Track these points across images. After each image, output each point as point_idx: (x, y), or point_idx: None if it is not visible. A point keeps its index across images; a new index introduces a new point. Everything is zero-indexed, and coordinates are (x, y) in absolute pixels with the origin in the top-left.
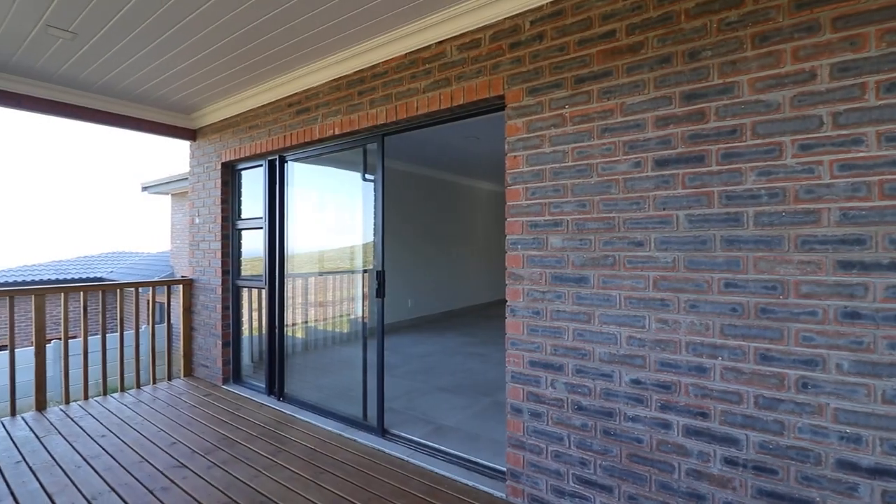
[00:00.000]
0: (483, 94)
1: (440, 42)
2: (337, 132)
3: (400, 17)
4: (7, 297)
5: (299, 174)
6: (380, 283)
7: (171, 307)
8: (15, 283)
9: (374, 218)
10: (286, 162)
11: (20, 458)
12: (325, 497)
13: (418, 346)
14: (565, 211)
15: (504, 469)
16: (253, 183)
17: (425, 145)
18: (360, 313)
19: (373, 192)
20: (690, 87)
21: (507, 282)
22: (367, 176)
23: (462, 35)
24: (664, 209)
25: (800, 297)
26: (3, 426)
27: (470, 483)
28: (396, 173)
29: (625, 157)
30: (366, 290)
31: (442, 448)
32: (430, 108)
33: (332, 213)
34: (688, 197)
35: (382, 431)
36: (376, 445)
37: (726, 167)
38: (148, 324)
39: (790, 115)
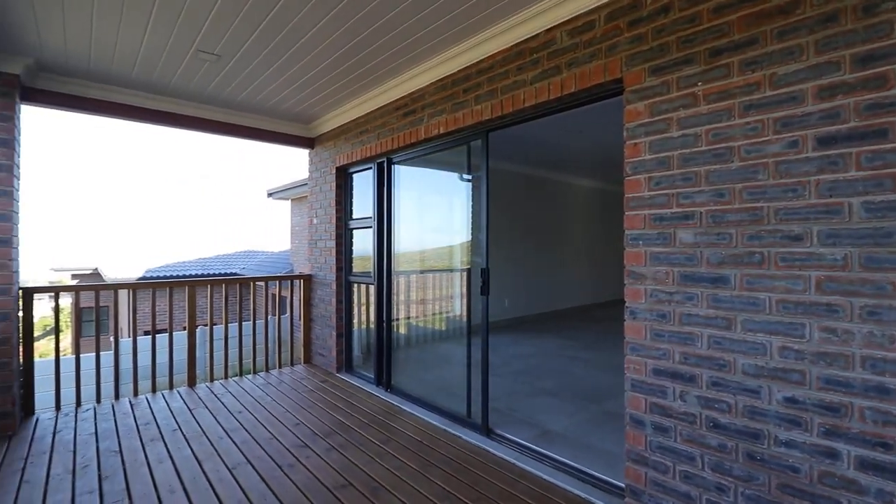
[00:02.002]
0: (597, 79)
1: (549, 29)
2: (441, 131)
3: (510, 7)
4: (167, 289)
5: (402, 176)
6: (484, 281)
7: (291, 300)
8: (171, 277)
9: (479, 215)
10: (393, 163)
11: (176, 426)
12: (434, 491)
13: (517, 346)
14: (698, 202)
15: (622, 485)
16: (363, 185)
17: (523, 143)
18: (459, 311)
19: (470, 192)
20: (866, 47)
21: (626, 281)
22: (465, 176)
23: (574, 19)
24: (831, 196)
25: None
26: (164, 398)
27: (582, 494)
28: (492, 172)
29: (776, 137)
30: (464, 288)
31: (550, 454)
32: (537, 99)
33: (431, 214)
34: (864, 181)
35: (487, 431)
36: (481, 444)
37: None
38: (274, 314)
39: None
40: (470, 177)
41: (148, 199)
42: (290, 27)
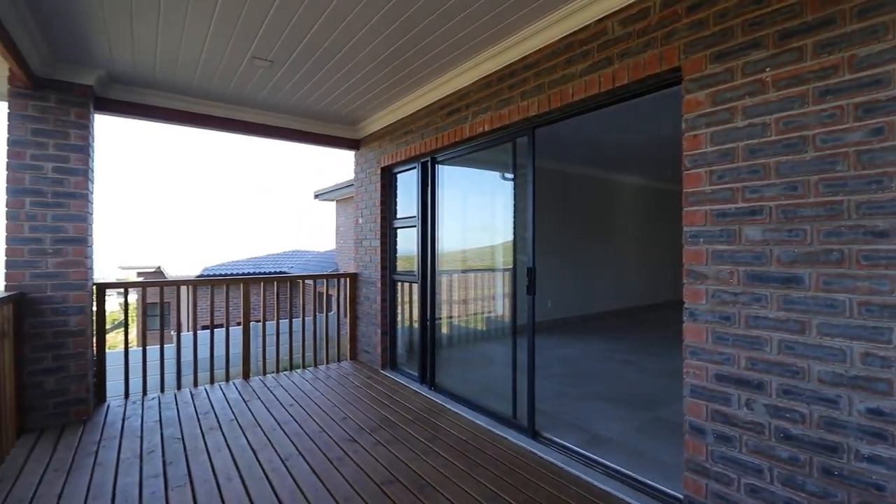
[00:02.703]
0: (652, 68)
1: (600, 20)
2: (486, 129)
3: (558, 0)
4: (224, 286)
5: (445, 176)
6: (531, 280)
7: (338, 298)
8: (227, 275)
9: (525, 213)
10: (437, 163)
11: (233, 416)
12: (481, 491)
13: (561, 348)
14: (767, 196)
15: (680, 496)
16: (406, 185)
17: (567, 140)
18: (501, 311)
19: (512, 192)
20: None
21: (685, 280)
22: (507, 175)
23: (627, 7)
24: None
25: None
26: (221, 389)
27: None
28: (537, 170)
29: (857, 125)
30: (506, 288)
31: (601, 460)
32: (586, 92)
33: (473, 213)
34: None
35: (534, 433)
36: (528, 446)
37: None
38: (321, 312)
39: None
40: (512, 176)
41: (208, 202)
42: (337, 32)
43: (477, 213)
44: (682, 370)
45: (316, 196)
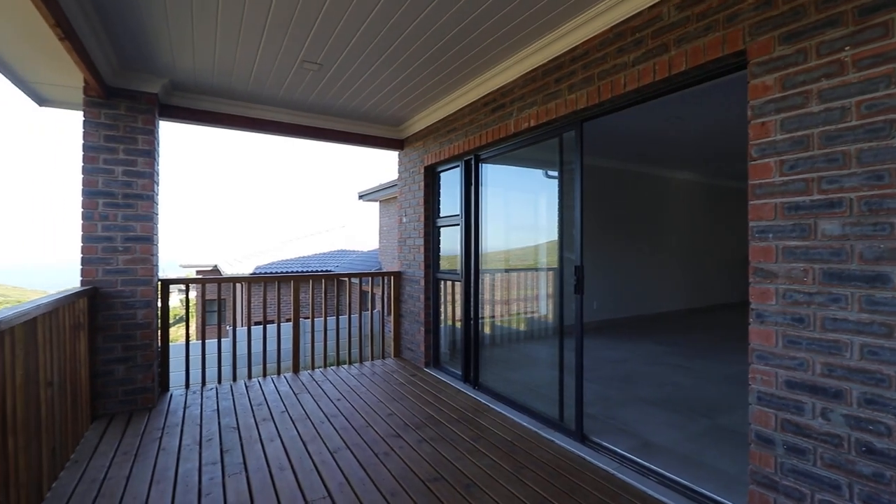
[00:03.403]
0: (714, 53)
1: (654, 5)
2: (532, 124)
3: None
4: (276, 283)
5: (487, 174)
6: (578, 279)
7: (382, 296)
8: (277, 273)
9: (573, 209)
10: (480, 160)
11: (284, 408)
12: (528, 494)
13: (609, 350)
14: (846, 187)
15: None
16: (449, 183)
17: (615, 136)
18: (545, 311)
19: (556, 190)
20: None
21: (751, 280)
22: (551, 173)
23: None
24: None
25: None
26: (273, 382)
27: None
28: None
29: None
30: (550, 288)
31: (655, 467)
32: (640, 82)
33: (516, 212)
34: None
35: (581, 437)
36: (576, 451)
37: None
38: (366, 310)
39: None
40: (556, 174)
41: (259, 203)
42: (383, 33)
43: (519, 212)
44: (748, 376)
45: (360, 197)
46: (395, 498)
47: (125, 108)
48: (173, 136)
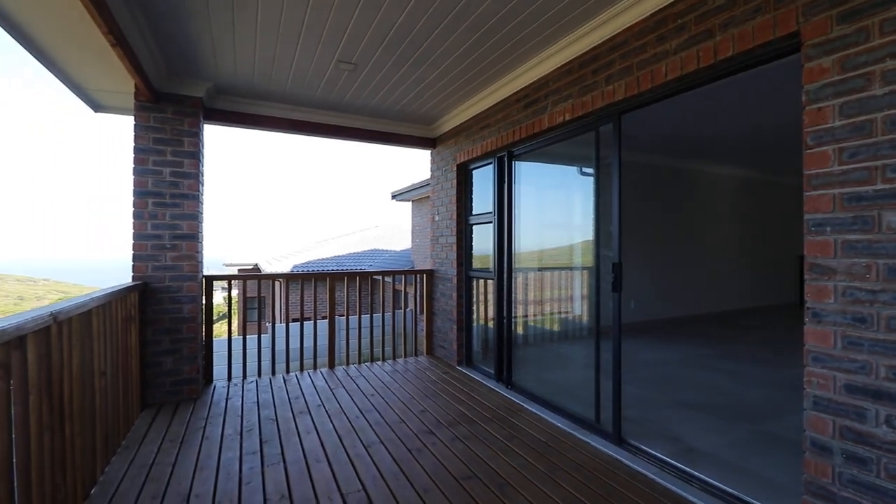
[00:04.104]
0: (764, 36)
1: None
2: (567, 118)
3: None
4: (312, 280)
5: (520, 172)
6: (616, 276)
7: (414, 295)
8: (313, 272)
9: (610, 205)
10: (514, 157)
11: (320, 402)
12: (564, 497)
13: (646, 351)
14: None
15: None
16: (482, 181)
17: (650, 128)
18: (579, 311)
19: (591, 187)
20: None
21: (807, 276)
22: (585, 170)
23: None
24: None
25: None
26: (309, 376)
27: None
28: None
29: None
30: (584, 288)
31: (698, 474)
32: (683, 70)
33: (550, 209)
34: None
35: (619, 440)
36: (613, 454)
37: None
38: (399, 308)
39: None
40: (591, 170)
41: (295, 204)
42: (416, 30)
43: (553, 210)
44: (803, 379)
45: (393, 197)
46: (428, 495)
47: (172, 112)
48: (214, 138)
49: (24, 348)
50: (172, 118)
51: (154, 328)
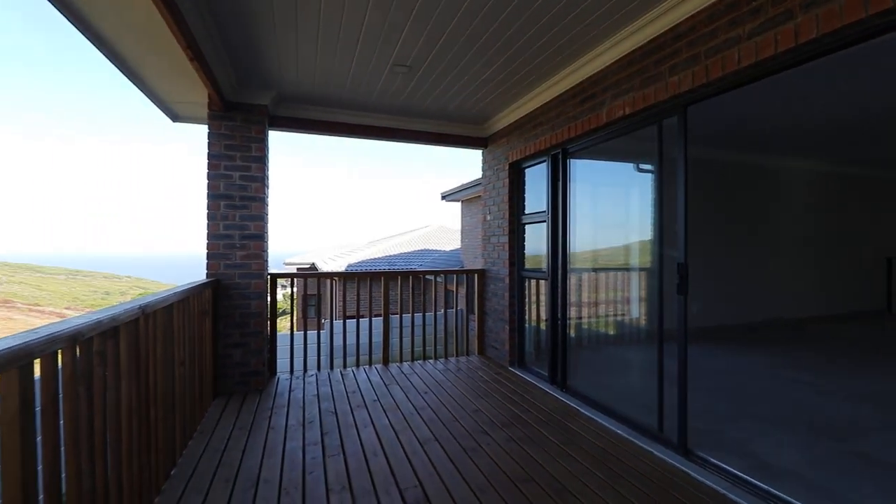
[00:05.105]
0: (854, 14)
1: None
2: (627, 112)
3: None
4: (367, 280)
5: (575, 170)
6: (682, 277)
7: (466, 294)
8: (368, 271)
9: (675, 201)
10: (568, 154)
11: (376, 397)
12: None
13: (712, 359)
14: None
15: None
16: (535, 179)
17: (714, 120)
18: (637, 314)
19: (650, 184)
20: None
21: None
22: (643, 166)
23: None
24: None
25: None
26: (365, 372)
27: None
28: (677, 160)
29: None
30: (642, 290)
31: (777, 492)
32: (758, 56)
33: (605, 208)
34: None
35: (685, 451)
36: (679, 465)
37: None
38: (451, 307)
39: None
40: (649, 167)
41: (350, 204)
42: (469, 30)
43: (608, 209)
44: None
45: (443, 197)
46: (484, 495)
47: (241, 120)
48: (274, 141)
49: (117, 338)
50: (241, 125)
51: (225, 322)
